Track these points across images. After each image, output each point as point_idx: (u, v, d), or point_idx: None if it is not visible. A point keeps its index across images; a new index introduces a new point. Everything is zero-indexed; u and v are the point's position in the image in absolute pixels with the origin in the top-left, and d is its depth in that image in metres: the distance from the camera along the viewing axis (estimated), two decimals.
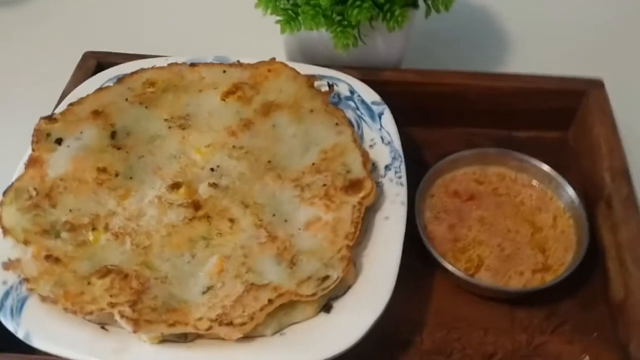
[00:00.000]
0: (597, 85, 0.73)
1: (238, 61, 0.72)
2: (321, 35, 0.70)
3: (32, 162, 0.63)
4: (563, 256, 0.63)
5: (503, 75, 0.75)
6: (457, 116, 0.77)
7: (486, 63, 0.87)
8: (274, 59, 0.71)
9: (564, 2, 0.97)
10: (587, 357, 0.59)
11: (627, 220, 0.62)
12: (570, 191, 0.66)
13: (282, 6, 0.68)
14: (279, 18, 0.68)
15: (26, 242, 0.57)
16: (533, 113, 0.76)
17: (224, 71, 0.70)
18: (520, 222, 0.66)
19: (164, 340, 0.54)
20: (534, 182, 0.68)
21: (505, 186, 0.68)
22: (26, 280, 0.55)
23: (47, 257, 0.56)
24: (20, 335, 0.54)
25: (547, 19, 0.95)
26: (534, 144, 0.75)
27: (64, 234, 0.58)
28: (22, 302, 0.55)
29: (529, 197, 0.67)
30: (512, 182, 0.69)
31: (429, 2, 0.69)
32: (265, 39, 0.73)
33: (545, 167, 0.68)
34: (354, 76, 0.71)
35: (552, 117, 0.76)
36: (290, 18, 0.67)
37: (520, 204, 0.67)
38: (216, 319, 0.53)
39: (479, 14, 0.94)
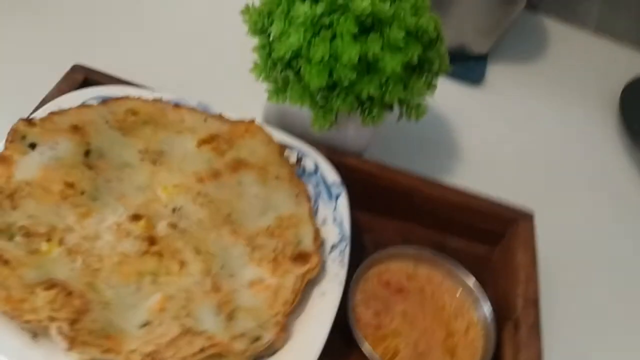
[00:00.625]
0: (527, 217, 0.81)
1: (221, 114, 0.76)
2: (301, 110, 0.76)
3: (1, 160, 0.64)
4: None
5: (446, 187, 0.82)
6: (402, 212, 0.83)
7: (438, 169, 0.95)
8: (253, 120, 0.75)
9: (528, 134, 1.08)
10: None
11: (529, 345, 0.69)
12: (486, 307, 0.73)
13: (274, 77, 0.73)
14: (268, 86, 0.74)
15: None
16: (467, 226, 0.83)
17: (205, 120, 0.74)
18: (438, 324, 0.72)
19: None
20: (458, 290, 0.75)
21: (432, 288, 0.75)
22: None
23: None
24: None
25: (503, 145, 1.04)
26: (464, 253, 0.82)
27: (18, 238, 0.59)
28: None
29: (449, 304, 0.74)
30: (438, 286, 0.75)
31: (403, 110, 0.76)
32: (248, 91, 0.78)
33: (470, 280, 0.75)
34: (321, 154, 0.77)
35: (483, 234, 0.83)
36: (280, 90, 0.72)
37: (441, 307, 0.73)
38: (149, 355, 0.55)
39: (444, 125, 1.03)
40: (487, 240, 0.84)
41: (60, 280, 0.58)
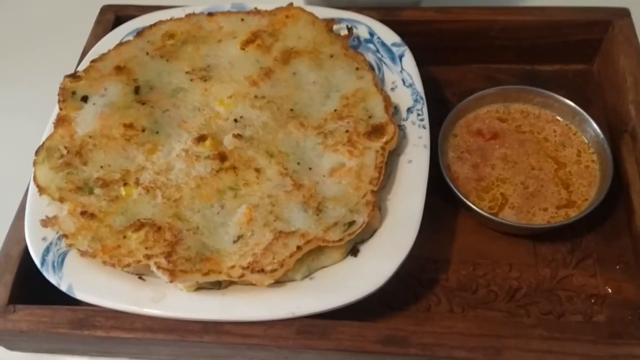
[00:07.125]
0: (623, 14, 0.71)
1: (255, 8, 0.71)
2: None
3: (60, 121, 0.64)
4: (587, 191, 0.63)
5: (525, 9, 0.74)
6: (479, 53, 0.76)
7: None
8: (291, 4, 0.70)
9: None
10: (609, 290, 0.60)
11: None
12: (594, 126, 0.65)
13: None
14: None
15: (61, 200, 0.59)
16: (557, 46, 0.74)
17: (242, 19, 0.70)
18: (544, 158, 0.66)
19: (199, 287, 0.56)
20: (558, 118, 0.68)
21: (529, 123, 0.68)
22: (65, 236, 0.58)
23: (83, 214, 0.58)
24: (63, 288, 0.57)
25: None
26: (558, 78, 0.75)
27: (97, 190, 0.60)
28: (62, 257, 0.58)
29: (552, 133, 0.67)
30: (536, 119, 0.68)
31: None
32: None
33: (569, 103, 0.67)
34: (373, 17, 0.71)
35: (576, 50, 0.74)
36: None
37: (543, 140, 0.67)
38: (248, 267, 0.55)
39: None
40: (582, 55, 0.75)
41: (147, 219, 0.58)
